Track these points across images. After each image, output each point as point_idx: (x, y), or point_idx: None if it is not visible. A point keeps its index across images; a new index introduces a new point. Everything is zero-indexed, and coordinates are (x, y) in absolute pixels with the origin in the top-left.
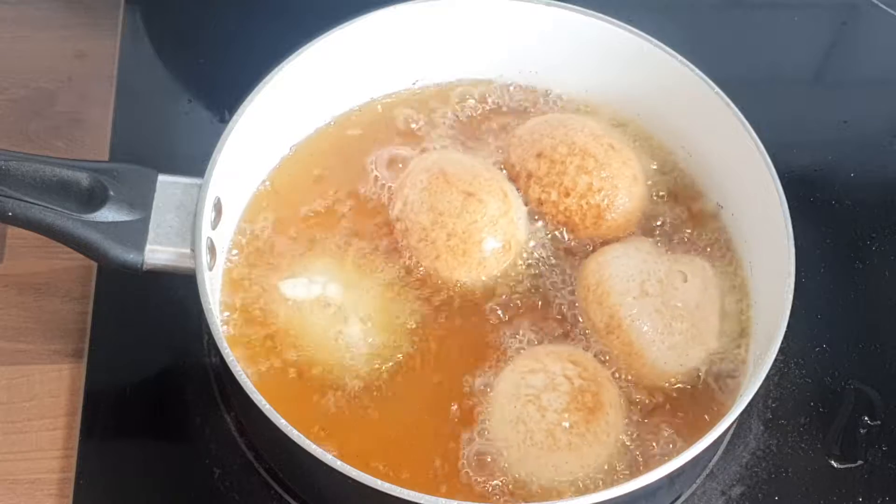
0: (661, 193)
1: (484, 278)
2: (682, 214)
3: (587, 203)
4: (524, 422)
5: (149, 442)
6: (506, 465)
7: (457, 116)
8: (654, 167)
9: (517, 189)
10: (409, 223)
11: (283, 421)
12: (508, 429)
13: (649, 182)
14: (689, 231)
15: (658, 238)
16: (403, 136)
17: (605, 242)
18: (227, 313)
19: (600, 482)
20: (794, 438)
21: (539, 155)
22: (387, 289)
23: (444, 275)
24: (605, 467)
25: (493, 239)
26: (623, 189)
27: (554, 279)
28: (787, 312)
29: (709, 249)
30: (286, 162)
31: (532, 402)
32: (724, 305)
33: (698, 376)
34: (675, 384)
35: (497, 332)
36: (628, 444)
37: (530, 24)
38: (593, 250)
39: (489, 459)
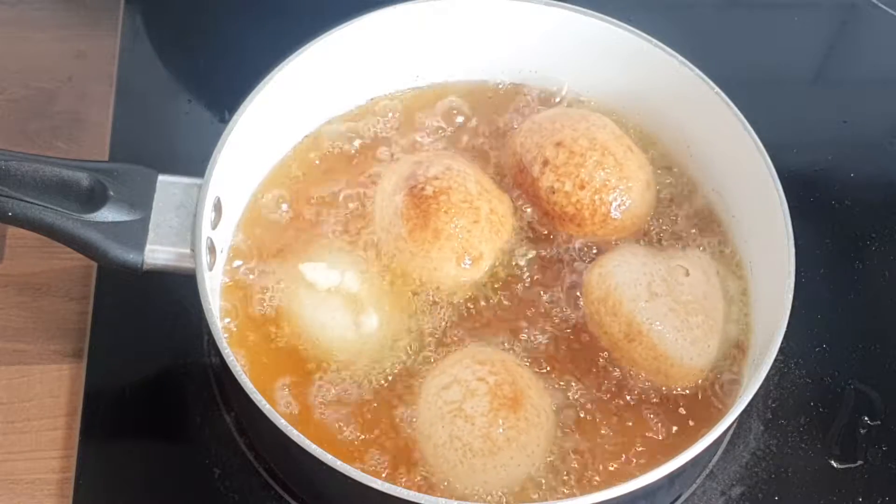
0: (660, 192)
1: (464, 279)
2: (682, 214)
3: (600, 199)
4: (458, 437)
5: (149, 442)
6: (459, 487)
7: (455, 116)
8: (655, 166)
9: (513, 184)
10: (385, 227)
11: (283, 421)
12: (446, 451)
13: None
14: (688, 230)
15: (657, 237)
16: (401, 136)
17: (599, 249)
18: (227, 318)
19: (552, 467)
20: (794, 438)
21: (559, 144)
22: (386, 288)
23: (425, 278)
24: (551, 446)
25: (469, 246)
26: (636, 192)
27: (551, 281)
28: (787, 312)
29: (708, 249)
30: (286, 161)
31: (458, 416)
32: (726, 289)
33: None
34: (707, 379)
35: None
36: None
37: (530, 24)
38: (582, 256)
39: (442, 488)
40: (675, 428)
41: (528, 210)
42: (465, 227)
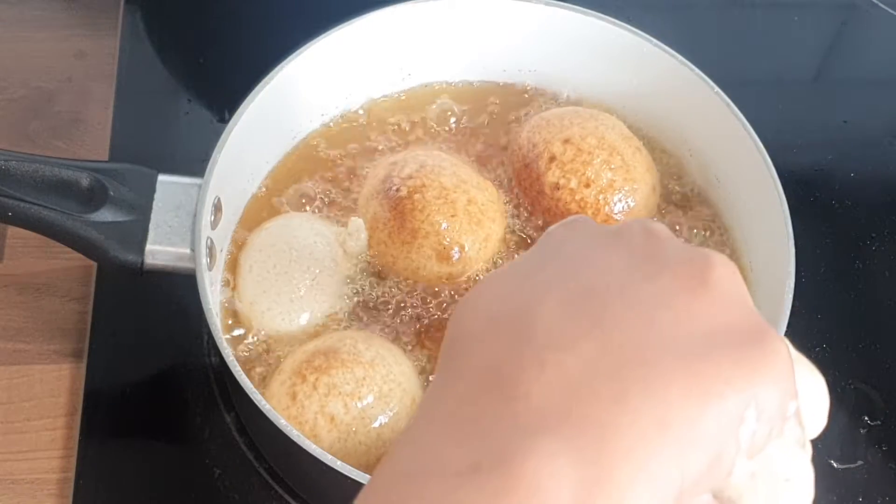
0: (660, 192)
1: (450, 275)
2: (682, 213)
3: (604, 199)
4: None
5: (149, 442)
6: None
7: (453, 115)
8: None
9: (515, 181)
10: (369, 232)
11: (283, 421)
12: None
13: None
14: (687, 230)
15: None
16: (399, 135)
17: None
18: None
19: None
20: None
21: (566, 140)
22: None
23: (411, 278)
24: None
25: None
26: (641, 195)
27: None
28: (788, 312)
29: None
30: (287, 160)
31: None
32: None
33: None
34: None
35: None
36: None
37: (530, 24)
38: None
39: None
40: None
41: (524, 208)
42: (441, 223)
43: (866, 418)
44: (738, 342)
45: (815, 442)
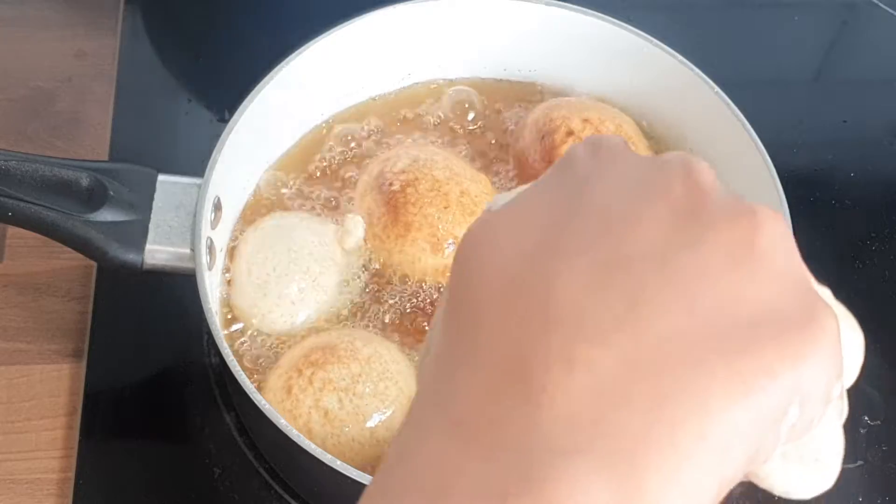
0: None
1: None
2: None
3: None
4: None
5: (149, 442)
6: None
7: (455, 114)
8: None
9: (519, 173)
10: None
11: (283, 421)
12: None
13: None
14: None
15: None
16: (399, 133)
17: None
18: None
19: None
20: None
21: (586, 120)
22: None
23: (407, 271)
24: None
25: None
26: None
27: None
28: None
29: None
30: (286, 160)
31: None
32: None
33: None
34: None
35: None
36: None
37: (530, 23)
38: None
39: None
40: None
41: None
42: (434, 215)
43: (866, 418)
44: (784, 325)
45: None
